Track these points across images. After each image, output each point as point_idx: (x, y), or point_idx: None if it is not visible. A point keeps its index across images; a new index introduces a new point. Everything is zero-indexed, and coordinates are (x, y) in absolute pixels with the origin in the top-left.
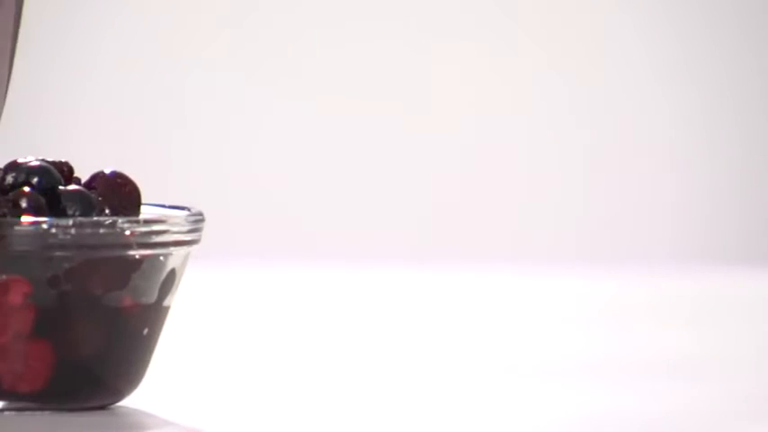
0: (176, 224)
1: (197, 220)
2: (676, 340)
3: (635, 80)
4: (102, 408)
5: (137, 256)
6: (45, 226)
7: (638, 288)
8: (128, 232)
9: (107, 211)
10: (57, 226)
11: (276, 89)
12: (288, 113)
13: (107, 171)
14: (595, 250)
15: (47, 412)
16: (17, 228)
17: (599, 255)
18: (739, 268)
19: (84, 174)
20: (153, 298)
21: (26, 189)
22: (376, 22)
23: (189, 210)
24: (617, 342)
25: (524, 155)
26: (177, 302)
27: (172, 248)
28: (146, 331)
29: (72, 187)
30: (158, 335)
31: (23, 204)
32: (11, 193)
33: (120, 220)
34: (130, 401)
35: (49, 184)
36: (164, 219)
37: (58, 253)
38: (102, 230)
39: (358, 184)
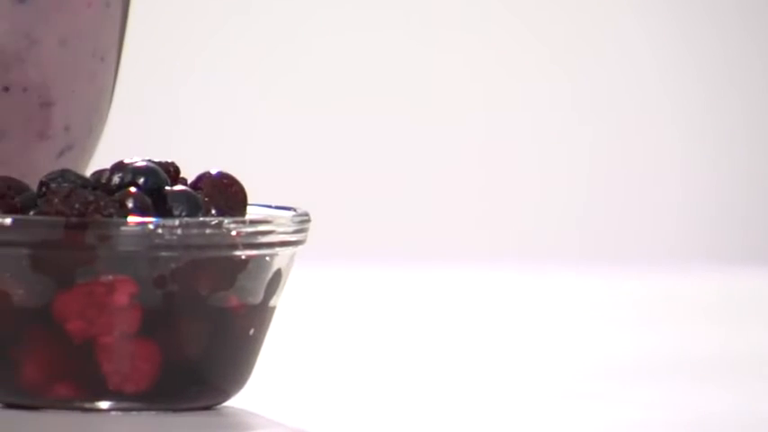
0: (282, 225)
1: (303, 220)
2: (697, 341)
3: (639, 78)
4: (208, 408)
5: (243, 257)
6: (151, 226)
7: (646, 288)
8: (234, 233)
9: (213, 212)
10: (163, 226)
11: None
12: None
13: (213, 171)
14: (601, 249)
15: (152, 412)
16: (123, 228)
17: (605, 254)
18: (751, 268)
19: (190, 174)
20: (259, 298)
21: (132, 189)
22: (384, 13)
23: (295, 210)
24: (637, 343)
25: (527, 153)
26: (283, 303)
27: (278, 249)
28: (252, 332)
29: (178, 188)
30: (264, 335)
31: (130, 205)
32: (117, 194)
33: (226, 221)
34: (236, 402)
35: (155, 185)
36: (269, 219)
37: (164, 253)
38: (208, 231)
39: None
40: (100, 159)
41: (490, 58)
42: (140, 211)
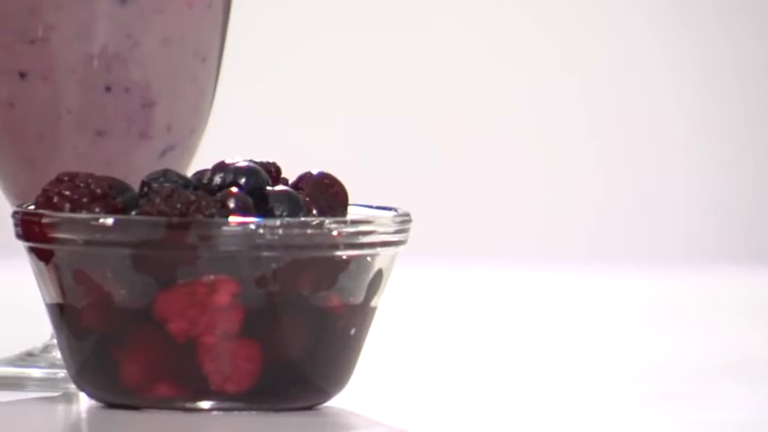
0: (383, 225)
1: (404, 220)
2: (718, 341)
3: (650, 79)
4: (309, 408)
5: (344, 257)
6: (253, 226)
7: (656, 289)
8: (335, 233)
9: (314, 212)
10: (264, 226)
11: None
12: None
13: (314, 172)
14: (609, 250)
15: (253, 412)
16: (225, 228)
17: (614, 255)
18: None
19: (291, 174)
20: (360, 298)
21: (234, 190)
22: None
23: (396, 210)
24: (660, 344)
25: (534, 154)
26: (384, 303)
27: (379, 249)
28: (353, 331)
29: (279, 188)
30: (365, 335)
31: (231, 205)
32: (219, 194)
33: (327, 221)
34: (337, 402)
35: (256, 185)
36: (371, 219)
37: (265, 253)
38: (309, 231)
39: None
40: (201, 159)
41: (498, 59)
42: (242, 211)
